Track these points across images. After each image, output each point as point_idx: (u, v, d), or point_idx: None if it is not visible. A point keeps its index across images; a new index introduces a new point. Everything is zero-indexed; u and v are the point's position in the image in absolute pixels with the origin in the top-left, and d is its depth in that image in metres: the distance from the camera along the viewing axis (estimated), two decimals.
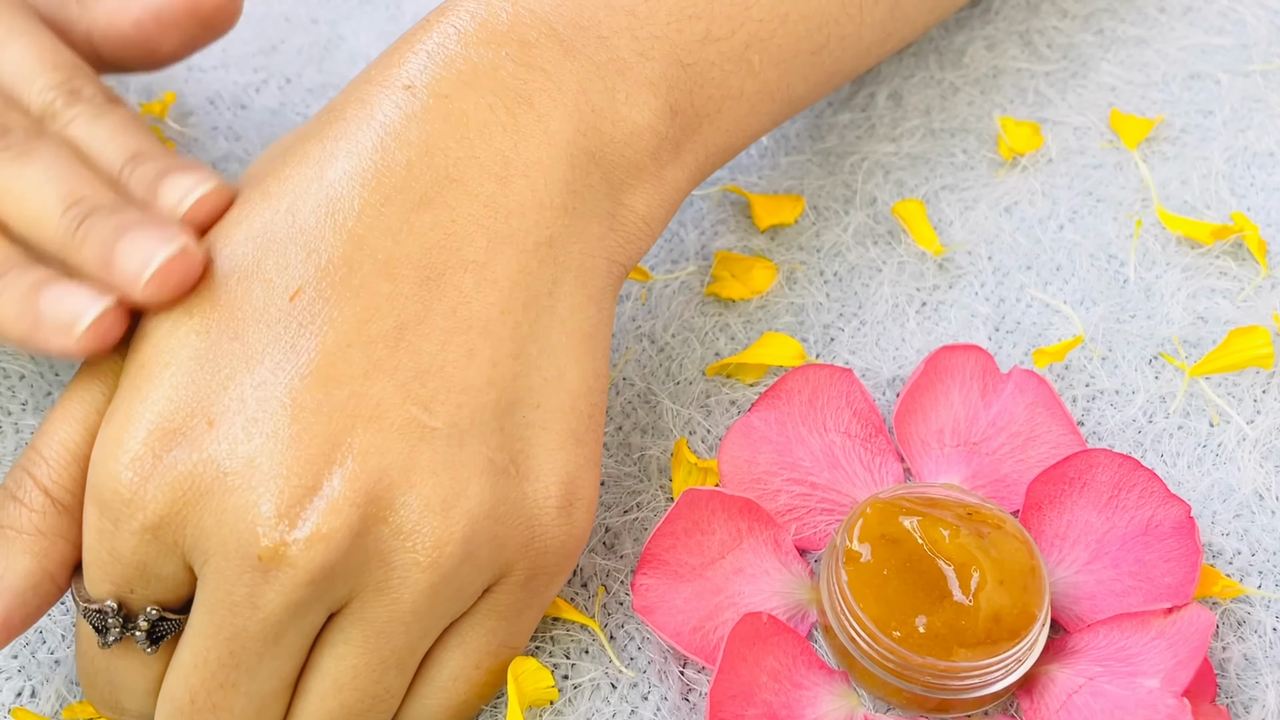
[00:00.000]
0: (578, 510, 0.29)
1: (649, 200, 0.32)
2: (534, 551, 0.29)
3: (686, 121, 0.32)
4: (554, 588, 0.30)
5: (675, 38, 0.32)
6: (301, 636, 0.28)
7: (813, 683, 0.32)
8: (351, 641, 0.28)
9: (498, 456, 0.28)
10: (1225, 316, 0.39)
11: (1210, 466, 0.36)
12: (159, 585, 0.28)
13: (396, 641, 0.28)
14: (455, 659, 0.30)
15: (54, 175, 0.29)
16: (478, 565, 0.28)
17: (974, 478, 0.35)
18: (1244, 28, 0.46)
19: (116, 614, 0.28)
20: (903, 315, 0.39)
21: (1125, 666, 0.31)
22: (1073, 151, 0.43)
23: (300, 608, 0.27)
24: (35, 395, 0.36)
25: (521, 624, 0.30)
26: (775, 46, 0.34)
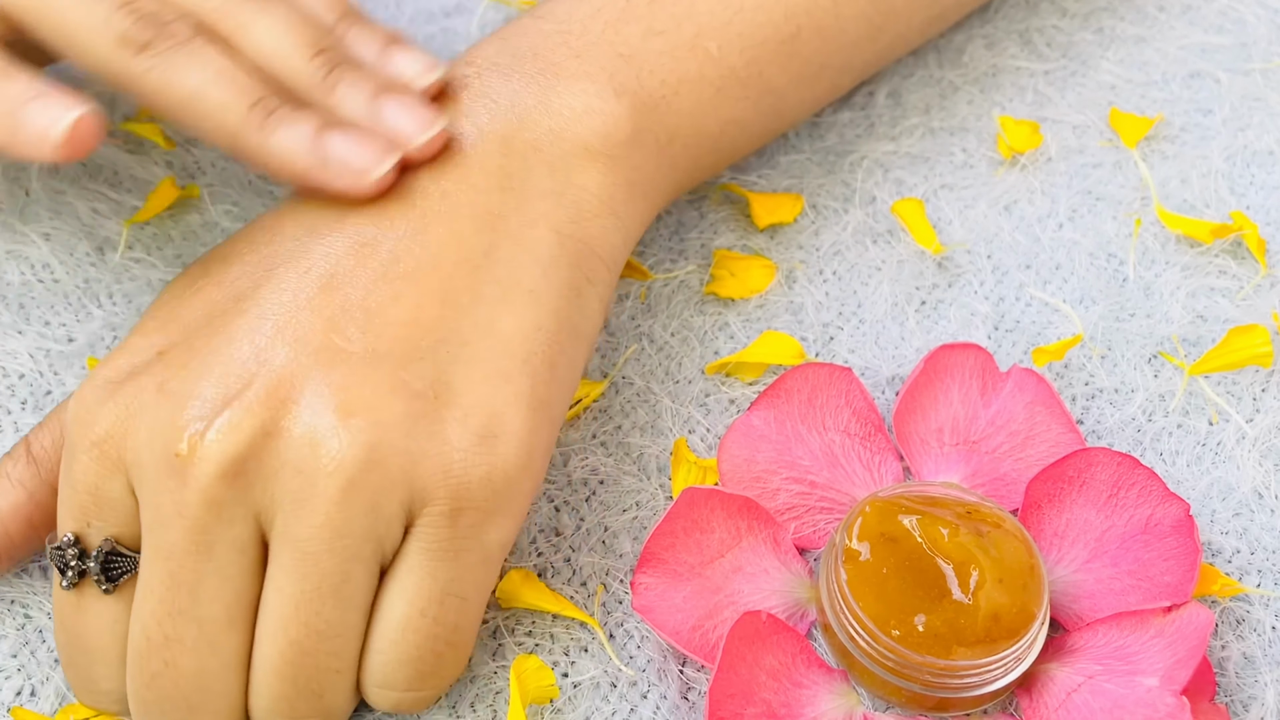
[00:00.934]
0: (502, 445, 0.29)
1: (602, 180, 0.34)
2: (454, 480, 0.29)
3: (637, 101, 0.35)
4: (493, 533, 0.30)
5: (612, 38, 0.35)
6: (234, 553, 0.28)
7: (812, 681, 0.32)
8: (285, 568, 0.28)
9: (415, 381, 0.29)
10: (1224, 315, 0.39)
11: (1209, 465, 0.36)
12: (111, 514, 0.29)
13: (324, 563, 0.28)
14: (398, 604, 0.29)
15: (291, 21, 0.33)
16: (389, 479, 0.28)
17: (973, 476, 0.35)
18: (1243, 26, 0.46)
19: (74, 546, 0.29)
20: (902, 314, 0.39)
21: (1124, 665, 0.31)
22: (1072, 150, 0.43)
23: (220, 510, 0.28)
24: (35, 394, 0.37)
25: (462, 569, 0.29)
26: (735, 34, 0.36)
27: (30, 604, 0.33)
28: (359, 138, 0.32)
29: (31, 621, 0.33)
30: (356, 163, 0.31)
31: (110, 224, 0.40)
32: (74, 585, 0.29)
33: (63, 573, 0.29)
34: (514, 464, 0.29)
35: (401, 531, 0.29)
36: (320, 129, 0.31)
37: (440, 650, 0.30)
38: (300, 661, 0.29)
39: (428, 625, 0.29)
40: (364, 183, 0.31)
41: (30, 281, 0.39)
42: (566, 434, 0.37)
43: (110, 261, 0.39)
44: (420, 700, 0.31)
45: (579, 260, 0.33)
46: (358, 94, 0.32)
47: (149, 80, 0.31)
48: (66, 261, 0.39)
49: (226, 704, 0.29)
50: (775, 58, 0.37)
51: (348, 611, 0.29)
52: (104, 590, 0.29)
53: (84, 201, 0.40)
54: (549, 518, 0.35)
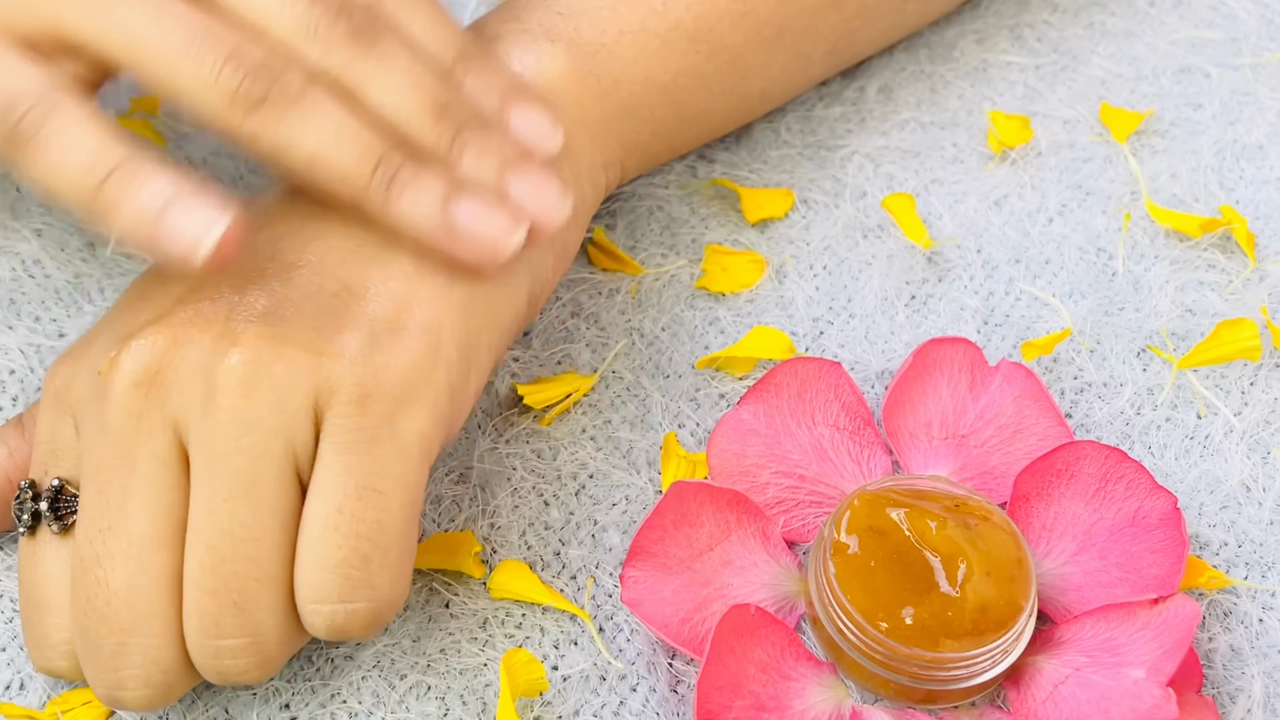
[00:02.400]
0: (407, 336, 0.30)
1: None
2: (359, 370, 0.29)
3: (573, 47, 0.36)
4: (407, 422, 0.29)
5: (549, 3, 0.36)
6: (158, 465, 0.29)
7: (800, 674, 0.32)
8: (200, 476, 0.29)
9: (328, 283, 0.30)
10: (1213, 309, 0.39)
11: (1198, 458, 0.36)
12: (63, 459, 0.30)
13: (234, 461, 0.28)
14: (318, 505, 0.29)
15: (415, 75, 0.31)
16: (293, 368, 0.29)
17: (962, 470, 0.35)
18: (1234, 21, 0.46)
19: (28, 489, 0.31)
20: (892, 308, 0.39)
21: (1111, 657, 0.31)
22: (1062, 145, 0.43)
23: (139, 420, 0.29)
24: (25, 390, 0.37)
25: (377, 462, 0.29)
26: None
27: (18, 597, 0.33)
28: (488, 210, 0.31)
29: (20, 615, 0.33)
30: (487, 236, 0.31)
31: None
32: (30, 530, 0.30)
33: (19, 519, 0.31)
34: (419, 350, 0.30)
35: (312, 430, 0.29)
36: (447, 196, 0.31)
37: (365, 551, 0.29)
38: (219, 569, 0.28)
39: (347, 523, 0.28)
40: (495, 258, 0.31)
41: (21, 277, 0.39)
42: (557, 428, 0.37)
43: (101, 257, 0.39)
44: (355, 615, 0.29)
45: None
46: (485, 165, 0.31)
47: (263, 141, 0.30)
48: (57, 257, 0.39)
49: (160, 625, 0.29)
50: (726, 15, 0.38)
51: (262, 513, 0.29)
52: (55, 532, 0.30)
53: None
54: (538, 511, 0.35)
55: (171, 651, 0.29)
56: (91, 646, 0.29)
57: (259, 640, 0.29)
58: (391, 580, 0.29)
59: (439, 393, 0.30)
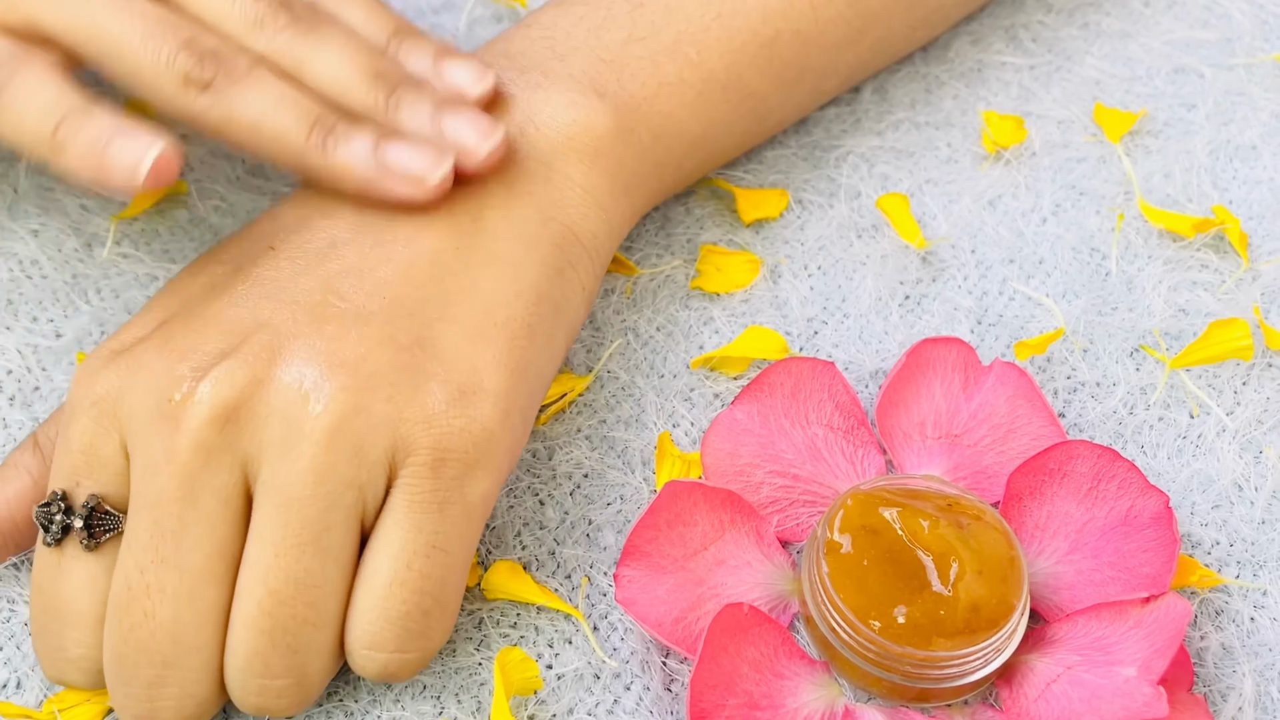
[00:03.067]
0: (481, 400, 0.30)
1: (586, 171, 0.35)
2: (435, 430, 0.30)
3: (618, 102, 0.36)
4: (474, 486, 0.30)
5: (594, 44, 0.37)
6: (219, 502, 0.29)
7: (794, 673, 0.32)
8: (268, 517, 0.29)
9: (400, 335, 0.31)
10: (1206, 309, 0.39)
11: (1190, 458, 0.37)
12: (101, 473, 0.30)
13: (306, 510, 0.29)
14: (384, 560, 0.29)
15: (350, 50, 0.34)
16: (373, 425, 0.29)
17: (955, 469, 0.35)
18: (1228, 21, 0.47)
19: (60, 501, 0.30)
20: (886, 308, 0.40)
21: (1103, 655, 0.31)
22: (1056, 145, 0.43)
23: (208, 455, 0.29)
24: (23, 390, 0.37)
25: (446, 522, 0.30)
26: (713, 39, 0.37)
27: (15, 597, 0.33)
28: (417, 146, 0.32)
29: (17, 615, 0.33)
30: (415, 169, 0.32)
31: (98, 220, 0.40)
32: (57, 542, 0.30)
33: (46, 529, 0.30)
34: (493, 419, 0.30)
35: (384, 483, 0.30)
36: (379, 140, 0.32)
37: (427, 606, 0.30)
38: (277, 612, 0.29)
39: (414, 579, 0.30)
40: (424, 188, 0.32)
41: (18, 277, 0.39)
42: (551, 428, 0.37)
43: (98, 257, 0.39)
44: (406, 664, 0.30)
45: (561, 242, 0.34)
46: (419, 113, 0.33)
47: (212, 116, 0.32)
48: (54, 257, 0.39)
49: (201, 659, 0.29)
50: (754, 61, 0.38)
51: (327, 563, 0.29)
52: (86, 547, 0.30)
53: (72, 198, 0.40)
54: (533, 511, 0.35)
55: (209, 685, 0.30)
56: (127, 674, 0.29)
57: (304, 679, 0.30)
58: (444, 630, 0.31)
59: (503, 457, 0.31)
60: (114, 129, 0.31)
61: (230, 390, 0.29)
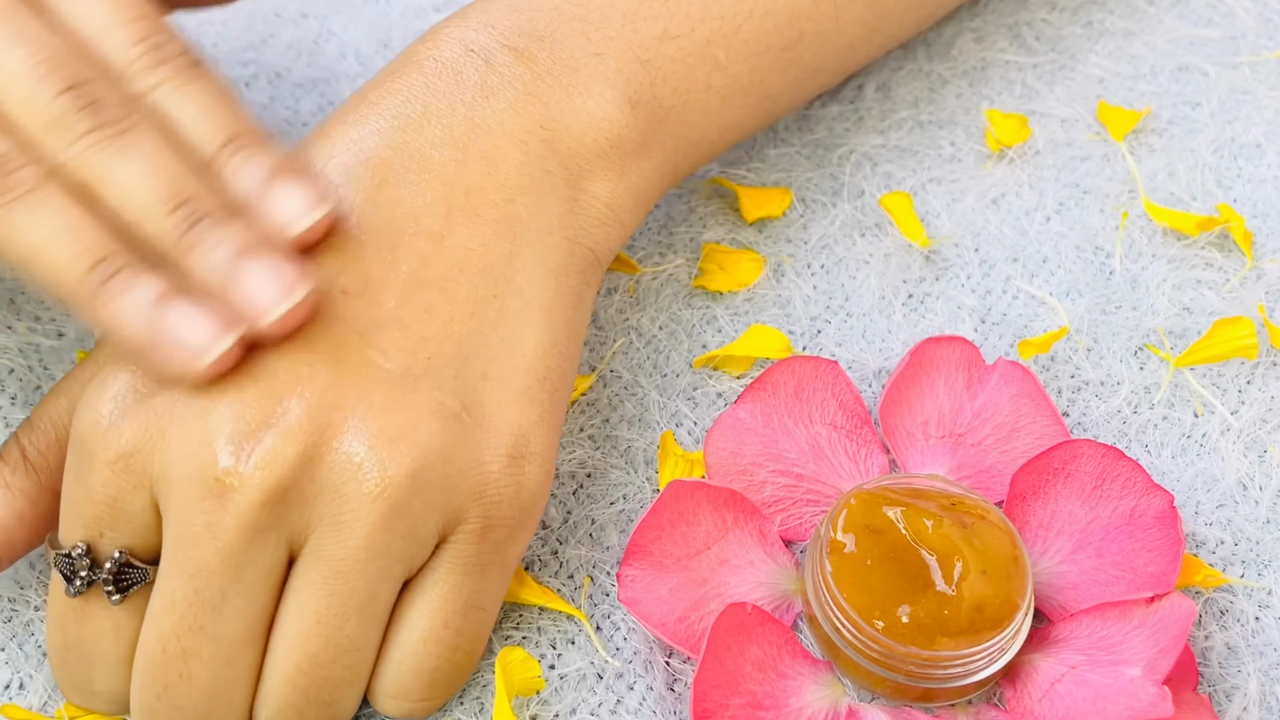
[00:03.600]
0: (529, 464, 0.30)
1: (612, 188, 0.34)
2: (487, 500, 0.29)
3: (649, 112, 0.34)
4: (514, 547, 0.30)
5: (630, 37, 0.34)
6: (263, 573, 0.28)
7: (797, 672, 0.32)
8: (312, 584, 0.28)
9: (450, 402, 0.29)
10: (1210, 307, 0.39)
11: (1194, 457, 0.37)
12: (128, 526, 0.29)
13: (354, 582, 0.28)
14: (422, 617, 0.30)
15: (155, 166, 0.28)
16: (429, 503, 0.29)
17: (959, 469, 0.35)
18: (1232, 19, 0.46)
19: (84, 556, 0.29)
20: (889, 307, 0.39)
21: (1107, 655, 0.31)
22: (1060, 144, 0.43)
23: (257, 535, 0.28)
24: (25, 389, 0.37)
25: (486, 582, 0.30)
26: (741, 41, 0.36)
27: (16, 598, 0.33)
28: (200, 310, 0.28)
29: (19, 615, 0.33)
30: (192, 340, 0.27)
31: None
32: (80, 593, 0.29)
33: (69, 580, 0.29)
34: (539, 481, 0.30)
35: (432, 549, 0.30)
36: (161, 298, 0.27)
37: (459, 660, 0.31)
38: (315, 673, 0.29)
39: (450, 637, 0.30)
40: (197, 364, 0.27)
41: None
42: None
43: None
44: (430, 708, 0.31)
45: (584, 267, 0.33)
46: (217, 256, 0.28)
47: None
48: None
49: (234, 714, 0.30)
50: (776, 64, 0.37)
51: (370, 627, 0.29)
52: (113, 601, 0.29)
53: None
54: None
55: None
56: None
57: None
58: (469, 677, 0.31)
59: (541, 511, 0.31)
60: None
61: (280, 472, 0.27)
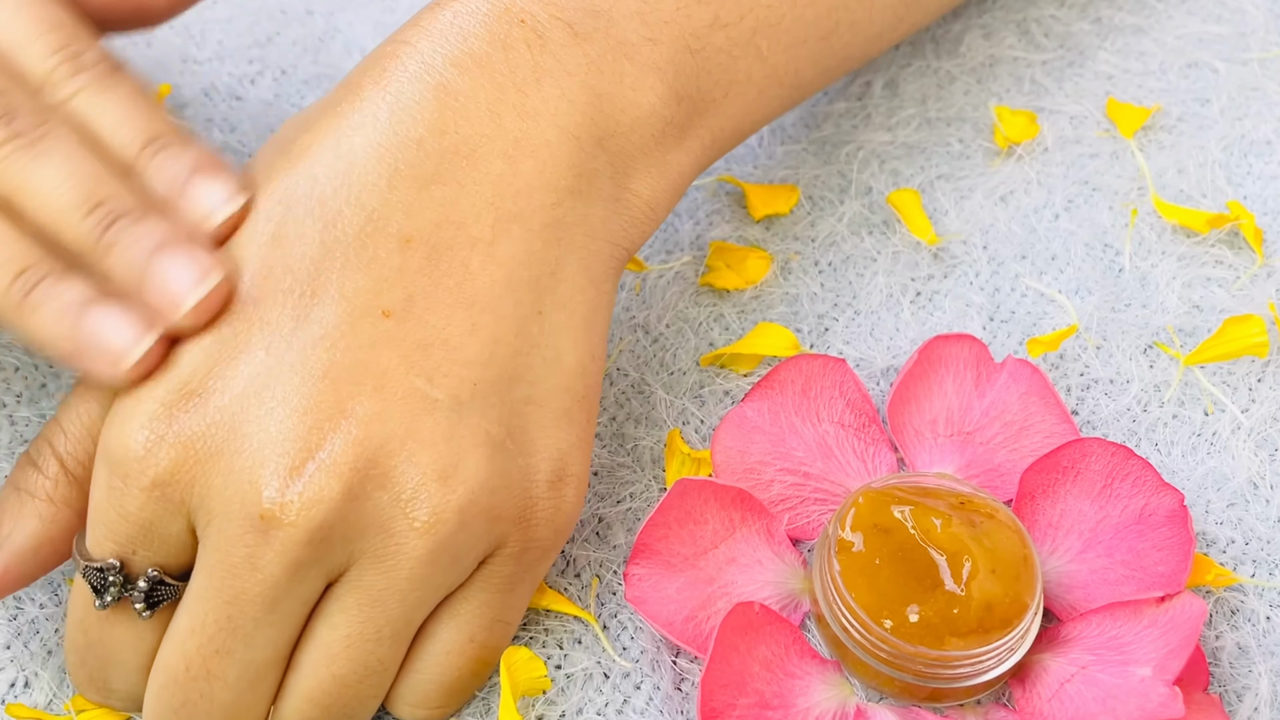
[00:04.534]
0: (568, 487, 0.30)
1: (653, 185, 0.32)
2: (527, 525, 0.30)
3: (692, 107, 0.33)
4: (546, 563, 0.31)
5: (684, 23, 0.33)
6: (299, 604, 0.28)
7: (805, 672, 0.32)
8: (347, 610, 0.28)
9: (495, 430, 0.29)
10: (1220, 305, 0.39)
11: (1204, 455, 0.36)
12: (162, 547, 0.28)
13: (392, 610, 0.28)
14: (449, 632, 0.30)
15: (70, 170, 0.28)
16: (474, 536, 0.29)
17: (967, 467, 0.35)
18: (1242, 16, 0.46)
19: (118, 573, 0.28)
20: (897, 305, 0.39)
21: (1117, 655, 0.31)
22: (1069, 140, 0.43)
23: (298, 570, 0.27)
24: (30, 387, 0.37)
25: (514, 598, 0.30)
26: (784, 32, 0.35)
27: (22, 595, 0.33)
28: (119, 312, 0.27)
29: (24, 613, 0.33)
30: (114, 343, 0.27)
31: None
32: (109, 606, 0.29)
33: (99, 593, 0.29)
34: (576, 504, 0.30)
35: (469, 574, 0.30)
36: (83, 304, 0.27)
37: (479, 671, 0.31)
38: (340, 694, 0.29)
39: (474, 650, 0.30)
40: (120, 368, 0.27)
41: None
42: None
43: None
44: (446, 714, 0.31)
45: (619, 267, 0.32)
46: (135, 254, 0.28)
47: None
48: None
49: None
50: (811, 55, 0.36)
51: (398, 649, 0.29)
52: (142, 616, 0.29)
53: None
54: None
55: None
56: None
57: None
58: (485, 683, 0.31)
59: (574, 527, 0.31)
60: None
61: (326, 510, 0.27)
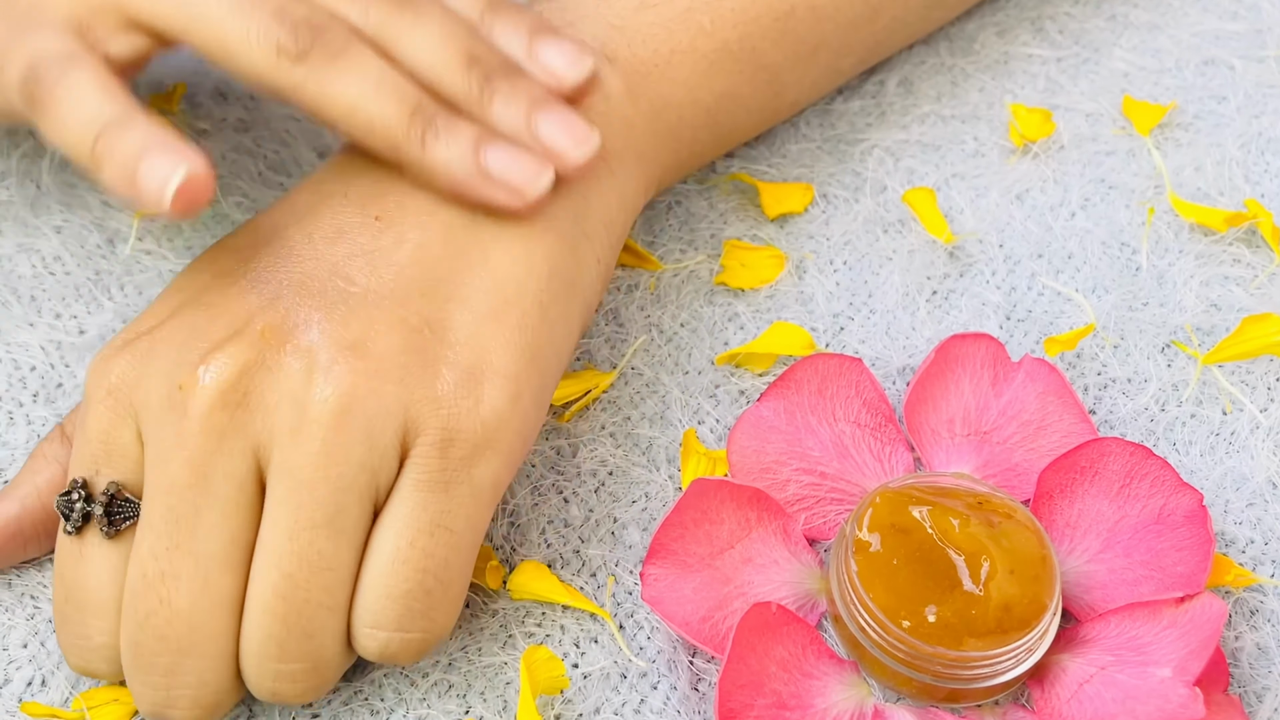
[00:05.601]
0: (489, 382, 0.30)
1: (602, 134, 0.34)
2: (444, 413, 0.30)
3: (628, 68, 0.36)
4: (482, 467, 0.30)
5: (605, 12, 0.36)
6: (233, 488, 0.29)
7: (822, 672, 0.32)
8: (281, 502, 0.29)
9: (411, 317, 0.30)
10: (1238, 304, 0.39)
11: (1223, 455, 0.36)
12: (120, 461, 0.30)
13: (319, 491, 0.29)
14: (389, 538, 0.29)
15: (447, 30, 0.33)
16: (383, 406, 0.29)
17: (985, 467, 0.35)
18: (1258, 13, 0.46)
19: (80, 489, 0.30)
20: (913, 304, 0.39)
21: (1137, 656, 0.31)
22: (1085, 138, 0.43)
23: (219, 439, 0.29)
24: (46, 386, 0.37)
25: (451, 502, 0.30)
26: (727, 9, 0.37)
27: (40, 595, 0.33)
28: (517, 155, 0.32)
29: (41, 612, 0.33)
30: (515, 179, 0.32)
31: (121, 216, 0.40)
32: (77, 530, 0.30)
33: (66, 517, 0.30)
34: (501, 400, 0.30)
35: (396, 465, 0.30)
36: (479, 142, 0.32)
37: (430, 586, 0.30)
38: (292, 595, 0.29)
39: (417, 557, 0.29)
40: (523, 199, 0.32)
41: (41, 274, 0.39)
42: (575, 425, 0.37)
43: (121, 254, 0.39)
44: (408, 644, 0.30)
45: (575, 213, 0.33)
46: (514, 109, 0.32)
47: (307, 91, 0.31)
48: (77, 254, 0.39)
49: (217, 647, 0.29)
50: (768, 33, 0.38)
51: (340, 545, 0.29)
52: (106, 535, 0.30)
53: (95, 194, 0.40)
54: (558, 508, 0.35)
55: (226, 673, 0.29)
56: (144, 662, 0.29)
57: (319, 664, 0.30)
58: (447, 614, 0.30)
59: (514, 439, 0.31)
60: (147, 144, 0.30)
61: (235, 373, 0.29)
